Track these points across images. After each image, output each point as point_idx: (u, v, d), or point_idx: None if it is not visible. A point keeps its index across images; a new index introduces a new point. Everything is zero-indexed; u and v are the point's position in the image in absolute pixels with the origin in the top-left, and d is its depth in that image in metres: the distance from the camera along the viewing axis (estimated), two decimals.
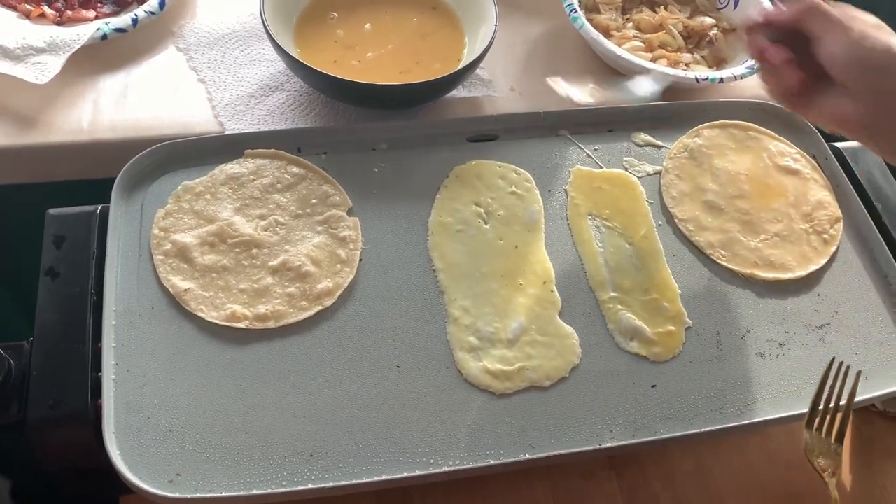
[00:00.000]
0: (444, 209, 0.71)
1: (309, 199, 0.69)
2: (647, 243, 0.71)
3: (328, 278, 0.65)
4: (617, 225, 0.72)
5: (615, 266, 0.69)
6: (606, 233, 0.71)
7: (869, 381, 0.66)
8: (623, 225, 0.72)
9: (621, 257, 0.70)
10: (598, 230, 0.72)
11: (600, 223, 0.72)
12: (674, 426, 0.62)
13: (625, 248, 0.70)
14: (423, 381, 0.62)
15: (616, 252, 0.70)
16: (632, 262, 0.70)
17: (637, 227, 0.72)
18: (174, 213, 0.67)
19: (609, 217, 0.73)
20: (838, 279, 0.72)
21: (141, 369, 0.59)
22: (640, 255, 0.70)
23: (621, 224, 0.72)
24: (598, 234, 0.71)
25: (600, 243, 0.71)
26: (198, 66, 0.82)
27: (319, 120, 0.79)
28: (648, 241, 0.71)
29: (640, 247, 0.71)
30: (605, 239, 0.71)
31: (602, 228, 0.72)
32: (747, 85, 0.88)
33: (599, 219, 0.72)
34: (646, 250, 0.71)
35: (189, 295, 0.63)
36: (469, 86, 0.84)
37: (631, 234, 0.72)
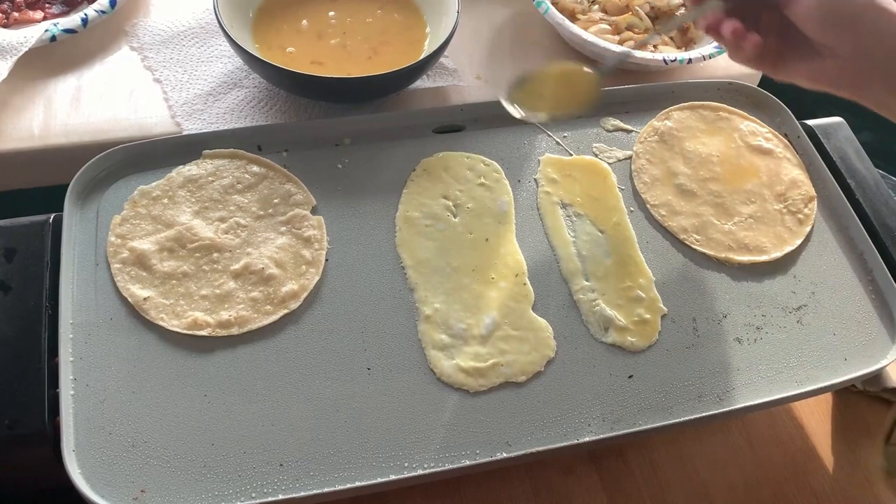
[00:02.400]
0: (411, 204, 0.69)
1: (271, 198, 0.67)
2: (620, 230, 0.70)
3: (293, 280, 0.63)
4: (588, 213, 0.71)
5: (588, 255, 0.68)
6: (578, 221, 0.70)
7: (848, 362, 0.65)
8: (595, 213, 0.71)
9: (594, 246, 0.68)
10: (570, 219, 0.70)
11: (571, 212, 0.71)
12: (652, 416, 0.60)
13: (597, 237, 0.69)
14: (394, 383, 0.60)
15: (588, 241, 0.69)
16: (604, 251, 0.68)
17: (609, 215, 0.71)
18: (131, 220, 0.65)
19: (580, 205, 0.71)
20: (814, 259, 0.71)
21: (101, 383, 0.57)
22: (613, 243, 0.69)
23: (593, 212, 0.71)
24: (570, 223, 0.70)
25: (572, 232, 0.69)
26: (153, 66, 0.80)
27: (280, 116, 0.77)
28: (621, 229, 0.70)
29: (613, 234, 0.69)
30: (577, 228, 0.69)
31: (573, 217, 0.70)
32: (717, 65, 0.87)
33: (570, 207, 0.71)
34: (618, 238, 0.69)
35: (149, 304, 0.61)
36: (434, 76, 0.82)
37: (603, 222, 0.70)
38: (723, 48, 0.81)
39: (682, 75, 0.87)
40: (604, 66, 0.69)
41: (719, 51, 0.81)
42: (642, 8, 0.88)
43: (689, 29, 0.88)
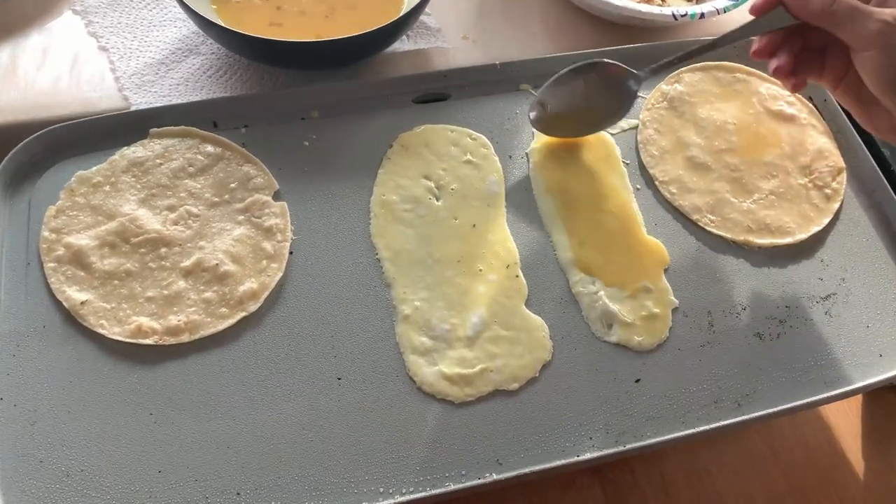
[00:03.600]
0: (387, 186, 0.61)
1: (227, 183, 0.59)
2: (625, 212, 0.62)
3: (252, 278, 0.55)
4: (589, 192, 0.63)
5: (588, 241, 0.60)
6: (577, 202, 0.62)
7: (884, 358, 0.58)
8: (596, 191, 0.63)
9: (595, 230, 0.60)
10: (568, 199, 0.62)
11: (570, 191, 0.62)
12: (662, 427, 0.53)
13: (599, 219, 0.61)
14: (369, 394, 0.53)
15: (589, 224, 0.61)
16: (608, 235, 0.60)
17: (613, 194, 0.63)
18: (67, 211, 0.57)
19: (580, 183, 0.63)
20: (844, 240, 0.63)
21: (31, 402, 0.50)
22: (617, 226, 0.61)
23: (594, 190, 0.63)
24: (568, 204, 0.62)
25: (570, 216, 0.61)
26: (98, 32, 0.71)
27: (241, 87, 0.68)
28: (626, 210, 0.62)
29: (617, 216, 0.61)
30: (576, 209, 0.61)
31: (572, 197, 0.62)
32: (731, 19, 0.77)
33: (569, 185, 0.63)
34: (623, 219, 0.61)
35: (87, 308, 0.53)
36: (414, 36, 0.73)
37: (606, 203, 0.62)
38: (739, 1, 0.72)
39: (694, 32, 0.78)
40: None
41: (735, 3, 0.72)
42: None
43: None
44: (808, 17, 0.50)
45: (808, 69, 0.54)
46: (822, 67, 0.53)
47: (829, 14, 0.49)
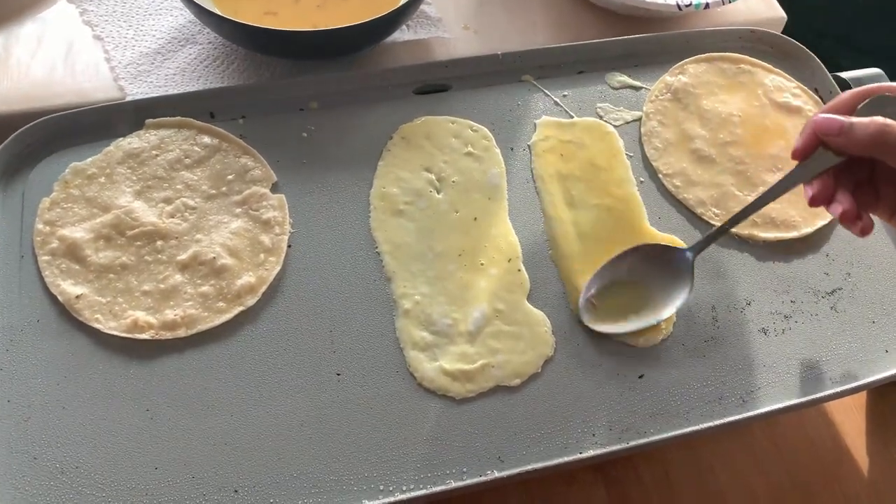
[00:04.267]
0: (388, 178, 0.60)
1: (224, 175, 0.58)
2: (629, 205, 0.61)
3: (250, 272, 0.54)
4: (592, 185, 0.62)
5: (591, 234, 0.59)
6: (579, 194, 0.61)
7: (890, 354, 0.57)
8: (599, 185, 0.62)
9: (597, 223, 0.59)
10: (570, 191, 0.61)
11: (572, 183, 0.61)
12: (666, 423, 0.52)
13: (602, 213, 0.60)
14: (368, 390, 0.52)
15: (592, 218, 0.60)
16: (611, 229, 0.59)
17: (616, 188, 0.62)
18: (62, 203, 0.56)
19: (582, 177, 0.62)
20: (849, 235, 0.61)
21: (24, 398, 0.49)
22: (621, 219, 0.60)
23: (597, 184, 0.62)
24: (570, 197, 0.61)
25: (573, 209, 0.60)
26: (93, 20, 0.70)
27: (239, 77, 0.67)
28: (630, 203, 0.61)
29: (620, 208, 0.60)
30: (579, 202, 0.60)
31: (574, 189, 0.61)
32: (737, 10, 0.77)
33: (571, 178, 0.62)
34: (626, 212, 0.60)
35: (82, 302, 0.52)
36: (414, 26, 0.72)
37: (609, 196, 0.61)
38: None
39: (699, 22, 0.77)
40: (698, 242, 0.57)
41: None
42: None
43: None
44: (854, 150, 0.48)
45: (864, 204, 0.51)
46: (876, 198, 0.51)
47: (878, 145, 0.47)
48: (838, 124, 0.48)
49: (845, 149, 0.49)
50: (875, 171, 0.51)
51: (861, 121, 0.47)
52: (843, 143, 0.48)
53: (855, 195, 0.50)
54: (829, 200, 0.50)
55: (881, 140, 0.46)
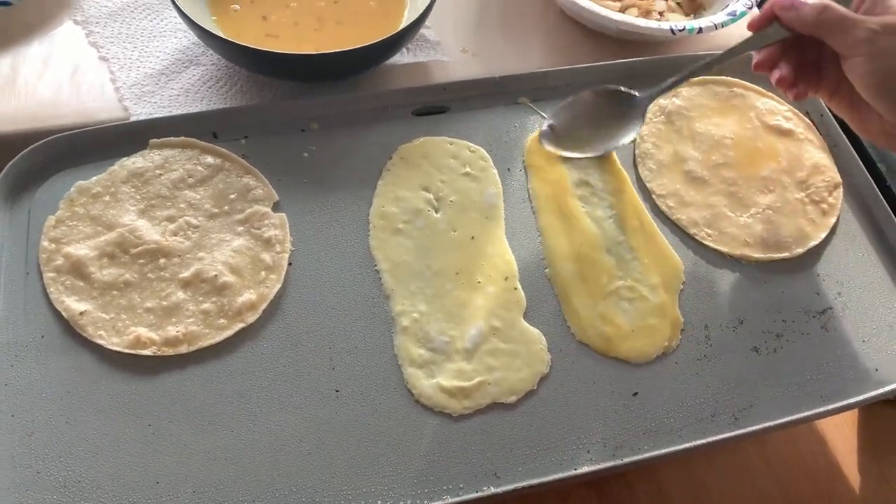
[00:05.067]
0: (387, 198, 0.61)
1: (226, 194, 0.59)
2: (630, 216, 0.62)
3: (251, 289, 0.55)
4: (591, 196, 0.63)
5: (586, 251, 0.60)
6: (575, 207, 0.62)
7: (880, 373, 0.58)
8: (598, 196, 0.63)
9: (595, 238, 0.61)
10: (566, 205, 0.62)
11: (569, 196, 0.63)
12: (660, 440, 0.53)
13: (600, 226, 0.61)
14: (366, 406, 0.53)
15: (588, 230, 0.61)
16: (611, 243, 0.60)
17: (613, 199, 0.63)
18: (67, 221, 0.57)
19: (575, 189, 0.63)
20: (840, 255, 0.63)
21: (28, 413, 0.50)
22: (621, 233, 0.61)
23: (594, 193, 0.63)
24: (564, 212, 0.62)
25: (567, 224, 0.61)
26: (99, 42, 0.71)
27: (241, 98, 0.69)
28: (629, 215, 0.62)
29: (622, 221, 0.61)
30: (574, 215, 0.61)
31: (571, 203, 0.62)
32: (729, 34, 0.78)
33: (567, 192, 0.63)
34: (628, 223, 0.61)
35: (86, 318, 0.53)
36: (414, 49, 0.73)
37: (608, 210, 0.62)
38: (738, 16, 0.72)
39: (692, 47, 0.78)
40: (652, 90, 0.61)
41: (732, 18, 0.73)
42: None
43: None
44: (801, 27, 0.53)
45: (806, 82, 0.56)
46: (818, 80, 0.56)
47: (820, 23, 0.51)
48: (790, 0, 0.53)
49: (792, 24, 0.53)
50: (821, 53, 0.55)
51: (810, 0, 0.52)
52: (791, 17, 0.53)
53: (799, 73, 0.55)
54: (771, 68, 0.56)
55: (822, 19, 0.51)
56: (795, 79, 0.55)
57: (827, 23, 0.51)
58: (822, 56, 0.55)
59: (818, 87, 0.56)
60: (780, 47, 0.56)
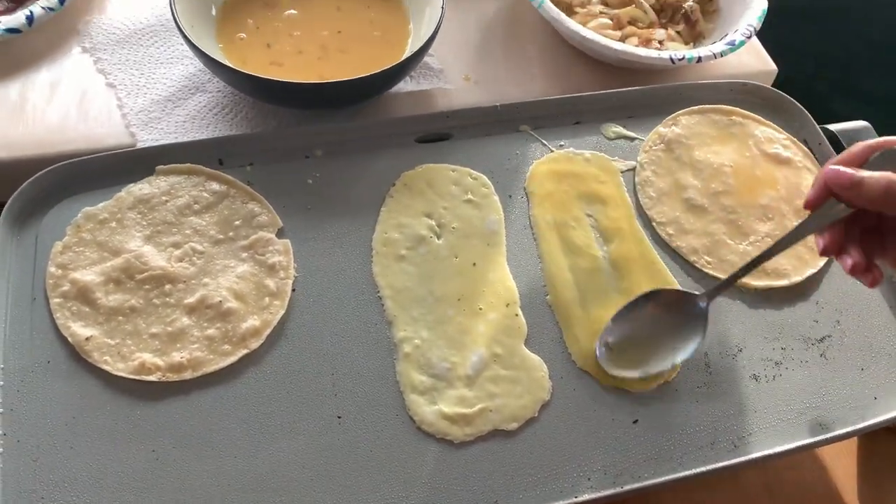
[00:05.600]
0: (390, 224, 0.62)
1: (231, 220, 0.60)
2: (627, 246, 0.62)
3: (255, 315, 0.56)
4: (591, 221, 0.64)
5: (587, 278, 0.60)
6: (577, 234, 0.62)
7: (879, 401, 0.58)
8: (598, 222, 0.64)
9: (596, 264, 0.61)
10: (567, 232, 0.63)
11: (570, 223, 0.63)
12: (660, 468, 0.54)
13: (601, 253, 0.62)
14: (368, 433, 0.53)
15: (589, 258, 0.61)
16: (609, 270, 0.61)
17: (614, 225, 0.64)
18: (74, 247, 0.58)
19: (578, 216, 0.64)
20: (838, 283, 0.64)
21: (34, 439, 0.50)
22: (619, 261, 0.62)
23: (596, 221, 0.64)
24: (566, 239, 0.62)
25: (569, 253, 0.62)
26: (106, 68, 0.72)
27: (246, 125, 0.70)
28: (628, 243, 0.62)
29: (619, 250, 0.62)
30: (575, 243, 0.62)
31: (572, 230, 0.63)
32: (728, 63, 0.79)
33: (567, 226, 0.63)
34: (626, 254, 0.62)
35: (91, 344, 0.54)
36: (417, 77, 0.74)
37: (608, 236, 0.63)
38: (735, 46, 0.73)
39: (691, 75, 0.79)
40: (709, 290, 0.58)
41: (731, 48, 0.74)
42: (647, 0, 0.80)
43: (697, 22, 0.80)
44: (865, 203, 0.49)
45: (870, 250, 0.52)
46: (884, 247, 0.52)
47: (886, 198, 0.48)
48: (849, 178, 0.49)
49: (855, 202, 0.49)
50: (882, 219, 0.51)
51: (872, 175, 0.48)
52: (853, 196, 0.49)
53: (862, 242, 0.51)
54: (839, 251, 0.52)
55: (891, 195, 0.47)
56: (868, 263, 0.51)
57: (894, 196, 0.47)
58: (883, 223, 0.51)
59: (884, 253, 0.52)
60: (843, 224, 0.52)
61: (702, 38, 0.81)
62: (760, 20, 0.76)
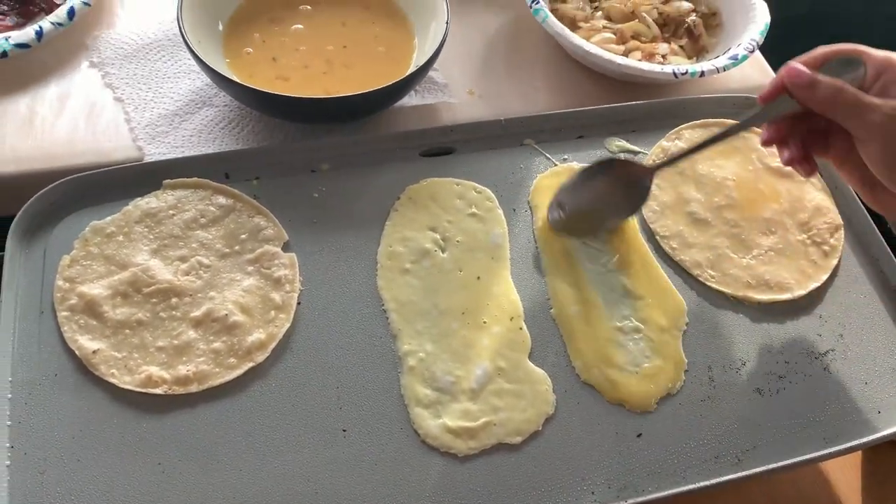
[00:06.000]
0: (394, 238, 0.63)
1: (237, 234, 0.60)
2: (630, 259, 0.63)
3: (260, 328, 0.56)
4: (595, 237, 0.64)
5: (591, 292, 0.61)
6: (582, 252, 0.63)
7: (882, 415, 0.58)
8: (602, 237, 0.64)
9: (602, 276, 0.61)
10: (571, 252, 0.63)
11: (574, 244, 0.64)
12: (664, 481, 0.54)
13: (607, 266, 0.62)
14: (373, 446, 0.53)
15: (594, 272, 0.62)
16: (614, 283, 0.61)
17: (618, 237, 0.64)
18: (81, 260, 0.58)
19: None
20: (842, 297, 0.64)
21: (41, 451, 0.51)
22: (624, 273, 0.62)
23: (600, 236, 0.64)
24: (569, 253, 0.63)
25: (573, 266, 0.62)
26: (114, 83, 0.73)
27: (253, 138, 0.70)
28: (631, 256, 0.63)
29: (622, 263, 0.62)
30: (581, 258, 0.62)
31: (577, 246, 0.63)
32: (731, 77, 0.80)
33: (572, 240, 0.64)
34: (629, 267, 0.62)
35: (98, 357, 0.54)
36: (422, 91, 0.75)
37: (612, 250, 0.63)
38: (739, 60, 0.74)
39: (694, 89, 0.80)
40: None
41: (734, 62, 0.74)
42: (649, 14, 0.81)
43: (700, 36, 0.81)
44: (814, 106, 0.52)
45: (814, 149, 0.56)
46: (826, 147, 0.56)
47: (834, 104, 0.51)
48: (807, 78, 0.52)
49: (806, 102, 0.52)
50: (830, 121, 0.53)
51: (825, 80, 0.51)
52: (805, 95, 0.52)
53: (807, 141, 0.56)
54: (780, 144, 0.56)
55: (836, 100, 0.50)
56: (804, 157, 0.55)
57: (841, 105, 0.50)
58: (831, 124, 0.53)
59: (827, 154, 0.56)
60: (790, 120, 0.56)
61: (705, 53, 0.81)
62: (763, 34, 0.77)
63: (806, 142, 0.56)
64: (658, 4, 0.82)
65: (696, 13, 0.82)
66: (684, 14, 0.81)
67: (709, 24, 0.83)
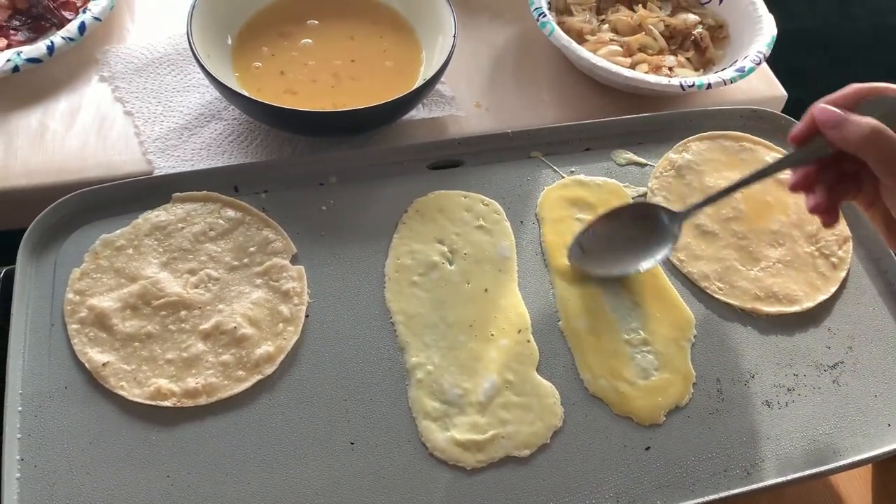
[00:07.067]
0: (402, 250, 0.63)
1: (246, 247, 0.61)
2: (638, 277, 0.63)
3: (269, 341, 0.57)
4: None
5: (598, 304, 0.61)
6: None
7: (893, 428, 0.58)
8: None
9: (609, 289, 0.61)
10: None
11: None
12: (672, 495, 0.54)
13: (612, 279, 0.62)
14: (381, 459, 0.53)
15: (602, 284, 0.62)
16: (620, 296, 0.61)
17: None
18: (91, 273, 0.58)
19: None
20: (851, 309, 0.64)
21: (51, 463, 0.51)
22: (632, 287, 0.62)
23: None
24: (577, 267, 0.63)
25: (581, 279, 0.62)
26: (124, 97, 0.73)
27: (262, 152, 0.71)
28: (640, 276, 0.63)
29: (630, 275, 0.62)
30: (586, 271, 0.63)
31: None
32: (738, 89, 0.80)
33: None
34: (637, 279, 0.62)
35: (108, 370, 0.54)
36: (429, 104, 0.75)
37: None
38: (746, 72, 0.74)
39: (701, 102, 0.80)
40: None
41: (741, 74, 0.74)
42: (656, 27, 0.81)
43: (707, 48, 0.81)
44: (847, 148, 0.50)
45: (843, 193, 0.54)
46: (857, 190, 0.54)
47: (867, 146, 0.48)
48: (835, 117, 0.50)
49: (836, 143, 0.50)
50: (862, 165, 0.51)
51: (856, 119, 0.49)
52: (835, 136, 0.50)
53: (837, 183, 0.54)
54: (807, 189, 0.54)
55: (870, 141, 0.48)
56: (829, 206, 0.53)
57: (875, 148, 0.48)
58: (862, 166, 0.51)
59: (856, 196, 0.54)
60: (819, 164, 0.54)
61: (711, 65, 0.81)
62: (770, 46, 0.77)
63: (833, 187, 0.54)
64: (665, 17, 0.82)
65: (703, 25, 0.82)
66: (691, 26, 0.82)
67: (715, 36, 0.83)
